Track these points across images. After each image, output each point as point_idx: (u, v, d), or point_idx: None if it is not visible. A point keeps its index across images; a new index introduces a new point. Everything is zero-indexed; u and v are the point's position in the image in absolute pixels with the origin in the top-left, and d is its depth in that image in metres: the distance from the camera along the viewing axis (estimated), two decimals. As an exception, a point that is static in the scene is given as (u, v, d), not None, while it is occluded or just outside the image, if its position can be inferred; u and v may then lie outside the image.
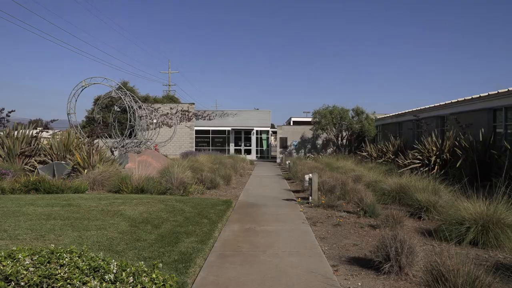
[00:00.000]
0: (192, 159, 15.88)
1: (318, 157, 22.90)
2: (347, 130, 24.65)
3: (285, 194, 10.56)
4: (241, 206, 8.54)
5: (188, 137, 31.00)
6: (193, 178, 11.24)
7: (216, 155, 20.88)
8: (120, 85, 16.31)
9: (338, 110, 24.10)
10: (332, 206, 8.25)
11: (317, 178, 8.88)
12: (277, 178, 15.71)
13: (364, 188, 8.92)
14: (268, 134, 32.78)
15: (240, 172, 16.10)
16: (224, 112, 32.22)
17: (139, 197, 8.79)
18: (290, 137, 28.33)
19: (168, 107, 31.01)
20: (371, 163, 15.70)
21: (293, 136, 28.29)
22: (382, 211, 7.29)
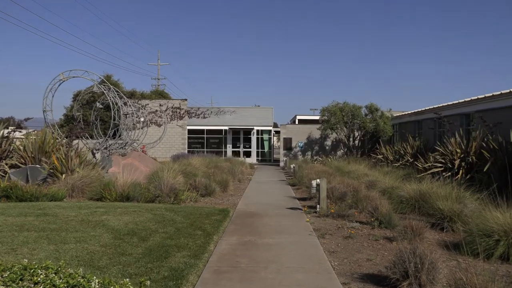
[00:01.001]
0: (184, 162, 15.88)
1: (327, 160, 22.90)
2: (360, 130, 24.66)
3: (289, 202, 10.54)
4: (239, 215, 8.53)
5: (179, 137, 31.03)
6: (185, 184, 11.24)
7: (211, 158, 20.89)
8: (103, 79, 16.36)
9: (349, 107, 24.12)
10: (342, 215, 8.25)
11: (325, 184, 8.88)
12: (280, 184, 15.70)
13: (379, 195, 8.91)
14: (270, 134, 32.83)
15: (238, 177, 16.11)
16: (220, 109, 32.27)
17: (124, 205, 8.78)
18: (295, 138, 28.36)
19: (157, 104, 31.06)
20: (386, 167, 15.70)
21: (298, 137, 28.32)
22: (400, 222, 7.28)
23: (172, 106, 31.03)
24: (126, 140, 17.95)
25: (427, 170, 13.07)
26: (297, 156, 28.10)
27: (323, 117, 24.98)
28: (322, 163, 21.94)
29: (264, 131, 32.60)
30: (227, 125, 31.76)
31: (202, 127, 32.08)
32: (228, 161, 22.26)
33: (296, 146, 28.38)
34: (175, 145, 30.67)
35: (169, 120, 30.67)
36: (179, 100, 32.02)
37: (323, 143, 28.28)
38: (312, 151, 28.28)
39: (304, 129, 28.43)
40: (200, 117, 31.96)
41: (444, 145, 13.95)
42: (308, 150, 28.34)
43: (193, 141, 32.13)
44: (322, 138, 28.16)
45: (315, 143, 28.36)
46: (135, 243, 5.79)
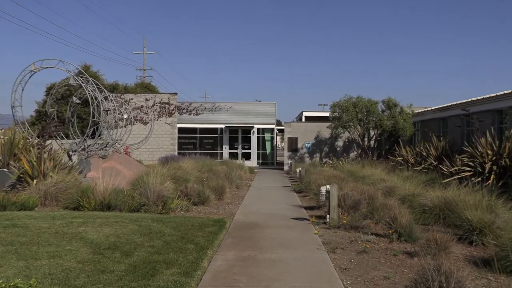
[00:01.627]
0: (174, 165, 15.89)
1: (338, 163, 22.91)
2: (376, 128, 24.66)
3: (294, 212, 10.55)
4: (237, 227, 8.54)
5: (168, 137, 31.06)
6: (175, 191, 11.25)
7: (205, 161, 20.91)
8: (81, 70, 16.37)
9: (364, 102, 24.12)
10: (356, 227, 8.25)
11: (336, 190, 8.88)
12: (284, 190, 15.70)
13: (398, 204, 8.91)
14: (273, 134, 32.87)
15: (236, 183, 16.14)
16: (215, 105, 32.31)
17: (104, 215, 8.79)
18: (302, 137, 28.38)
19: (142, 98, 31.10)
20: (406, 171, 15.69)
21: (305, 136, 28.34)
22: (422, 234, 7.28)
23: (160, 101, 31.07)
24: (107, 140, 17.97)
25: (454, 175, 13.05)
26: (303, 158, 28.11)
27: (334, 114, 24.97)
28: (333, 166, 21.94)
29: (266, 130, 32.61)
30: (223, 122, 31.79)
31: (194, 125, 32.11)
32: (224, 164, 22.25)
33: (303, 147, 28.40)
34: (163, 145, 30.69)
35: (157, 117, 30.70)
36: (168, 94, 32.05)
37: (334, 144, 28.29)
38: (321, 152, 28.29)
39: (312, 128, 28.44)
40: (192, 114, 31.99)
41: (473, 146, 13.94)
42: (317, 152, 28.35)
43: (184, 141, 32.15)
44: (332, 138, 28.16)
45: (325, 144, 28.37)
46: (117, 258, 5.79)
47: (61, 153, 13.32)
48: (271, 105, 32.98)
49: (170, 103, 31.15)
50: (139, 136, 29.19)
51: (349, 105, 23.93)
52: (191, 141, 32.29)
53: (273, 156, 32.89)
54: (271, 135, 32.81)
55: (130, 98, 30.86)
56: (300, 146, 28.40)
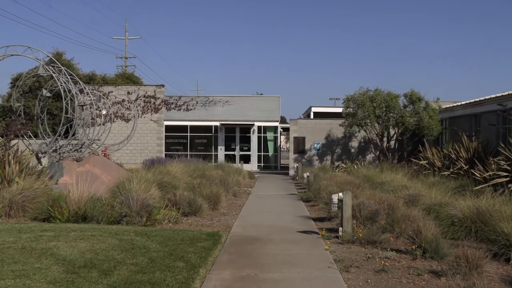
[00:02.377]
0: (161, 170, 15.91)
1: (353, 167, 22.91)
2: (397, 127, 24.67)
3: (301, 224, 10.57)
4: (235, 241, 8.55)
5: (154, 136, 31.07)
6: (162, 199, 11.26)
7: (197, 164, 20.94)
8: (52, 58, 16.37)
9: (383, 96, 24.12)
10: (373, 242, 8.26)
11: (350, 199, 8.89)
12: (289, 199, 15.72)
13: (423, 214, 8.93)
14: (277, 133, 32.88)
15: (233, 190, 16.18)
16: (209, 99, 32.33)
17: (80, 227, 8.81)
18: (310, 137, 28.42)
19: (124, 91, 31.13)
20: (432, 177, 15.69)
21: (314, 136, 28.37)
22: (450, 250, 7.29)
23: (144, 95, 31.08)
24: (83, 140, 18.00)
25: (488, 181, 13.05)
26: (312, 161, 28.13)
27: (348, 110, 24.97)
28: (346, 171, 21.94)
29: (268, 128, 32.62)
30: (218, 119, 31.80)
31: (184, 123, 32.12)
32: (219, 168, 22.24)
33: (311, 148, 28.42)
34: (148, 146, 30.69)
35: (141, 113, 30.72)
36: (153, 86, 32.05)
37: (348, 144, 28.30)
38: (332, 155, 28.31)
39: (322, 126, 28.47)
40: (182, 109, 32.01)
41: (510, 147, 13.94)
42: (327, 154, 28.36)
43: (172, 142, 32.16)
44: (346, 138, 28.17)
45: (337, 144, 28.38)
46: (94, 278, 5.79)
47: (29, 155, 13.34)
48: (274, 99, 32.97)
49: (156, 97, 31.15)
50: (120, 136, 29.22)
51: (365, 99, 23.93)
52: (181, 141, 32.29)
53: (276, 158, 32.88)
54: (274, 134, 32.81)
55: (110, 91, 30.87)
56: (308, 147, 28.42)
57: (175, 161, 20.66)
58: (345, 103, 25.35)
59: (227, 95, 32.68)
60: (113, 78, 38.57)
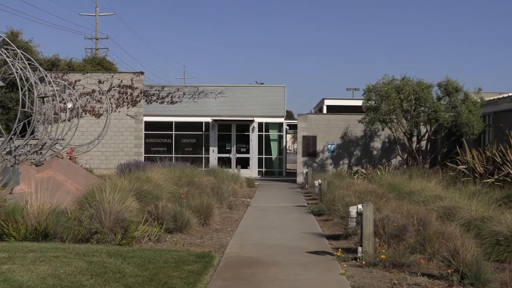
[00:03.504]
0: (140, 176, 15.89)
1: (375, 172, 22.89)
2: (429, 123, 24.64)
3: (312, 242, 10.54)
4: (230, 264, 8.52)
5: (131, 135, 31.05)
6: (140, 212, 11.24)
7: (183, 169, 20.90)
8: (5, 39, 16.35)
9: (411, 86, 24.10)
10: (400, 264, 8.23)
11: (372, 212, 8.87)
12: (297, 212, 15.71)
13: (461, 231, 8.89)
14: (282, 131, 32.86)
15: (228, 201, 16.20)
16: (199, 89, 32.30)
17: (40, 247, 8.76)
18: (323, 136, 28.40)
19: (94, 80, 31.13)
20: (473, 185, 15.64)
21: (327, 134, 28.36)
22: (495, 275, 7.26)
23: (119, 84, 31.07)
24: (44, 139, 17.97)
25: (540, 190, 12.99)
26: (325, 166, 28.13)
27: (369, 103, 24.96)
28: (367, 177, 21.89)
29: (272, 126, 32.60)
30: (210, 115, 31.78)
31: (168, 119, 32.09)
32: (211, 174, 22.20)
33: (324, 149, 28.41)
34: (124, 148, 30.68)
35: (115, 107, 30.72)
36: (130, 73, 32.06)
37: (369, 145, 28.28)
38: (350, 158, 28.29)
39: (337, 122, 28.47)
40: (165, 102, 31.98)
41: None
42: (344, 157, 28.34)
43: (154, 142, 32.14)
44: (366, 137, 28.15)
45: (355, 145, 28.36)
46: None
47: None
48: (279, 90, 32.95)
49: (134, 87, 31.13)
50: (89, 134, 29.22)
51: (390, 90, 23.91)
52: (164, 141, 32.26)
53: (281, 162, 32.88)
54: (278, 133, 32.80)
55: (77, 79, 30.86)
56: (320, 148, 28.40)
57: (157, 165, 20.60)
58: (365, 94, 25.33)
59: (221, 84, 32.67)
60: (81, 64, 38.56)
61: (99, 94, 30.73)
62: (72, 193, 13.34)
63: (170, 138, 32.20)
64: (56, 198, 10.99)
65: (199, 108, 31.91)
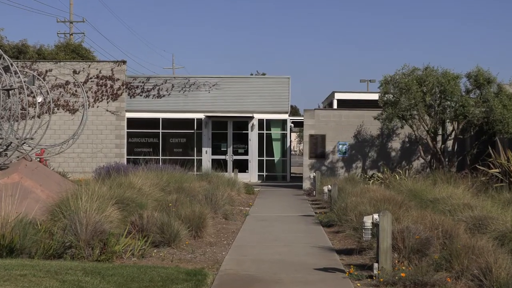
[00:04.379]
0: (122, 181, 15.86)
1: (393, 177, 22.85)
2: (456, 120, 24.61)
3: (320, 258, 10.55)
4: (226, 283, 8.52)
5: (112, 134, 31.01)
6: (122, 223, 11.24)
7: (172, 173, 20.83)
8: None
9: (436, 76, 24.08)
10: (423, 283, 8.22)
11: (390, 223, 8.86)
12: (303, 222, 15.74)
13: (494, 246, 8.87)
14: (286, 129, 32.84)
15: (224, 211, 16.23)
16: (190, 81, 32.25)
17: (4, 264, 8.73)
18: (333, 135, 28.38)
19: (68, 70, 31.09)
20: (508, 191, 15.61)
21: (338, 133, 28.35)
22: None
23: (97, 75, 31.04)
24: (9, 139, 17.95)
25: None
26: (336, 169, 28.11)
27: (386, 97, 24.94)
28: (384, 183, 21.86)
29: (274, 123, 32.59)
30: (202, 110, 31.76)
31: (155, 115, 32.06)
32: (204, 179, 22.19)
33: (335, 150, 28.37)
34: (103, 148, 30.64)
35: (93, 101, 30.69)
36: (111, 62, 32.00)
37: (386, 146, 28.23)
38: (364, 160, 28.25)
39: (350, 119, 28.45)
40: (151, 96, 31.94)
41: None
42: (357, 159, 28.30)
43: (137, 142, 32.12)
44: (383, 136, 28.10)
45: (371, 145, 28.31)
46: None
47: None
48: (282, 82, 32.94)
49: (115, 78, 31.10)
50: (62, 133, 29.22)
51: (411, 82, 23.88)
52: (150, 140, 32.23)
53: (285, 165, 32.86)
54: (282, 131, 32.79)
55: (48, 69, 30.82)
56: (330, 149, 28.37)
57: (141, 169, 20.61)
58: (382, 87, 25.32)
59: (215, 75, 32.64)
60: (52, 51, 38.55)
61: (74, 87, 30.71)
62: (42, 201, 13.31)
63: (156, 138, 32.17)
64: (23, 207, 10.97)
65: (190, 102, 31.90)
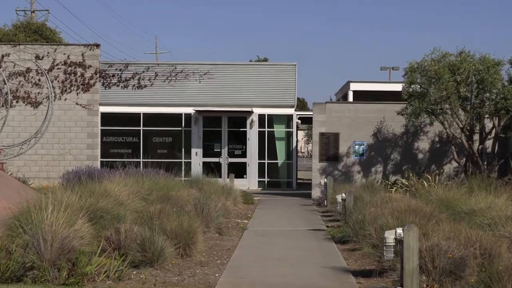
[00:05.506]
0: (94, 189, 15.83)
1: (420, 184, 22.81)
2: (497, 115, 24.56)
3: (333, 281, 10.58)
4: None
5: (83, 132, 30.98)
6: (95, 239, 11.23)
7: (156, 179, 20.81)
8: None
9: (472, 63, 24.02)
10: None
11: (417, 239, 8.86)
12: (313, 238, 15.78)
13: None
14: (291, 126, 32.81)
15: (218, 224, 16.27)
16: (177, 68, 32.16)
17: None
18: (348, 133, 28.35)
19: (30, 55, 31.04)
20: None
21: (354, 131, 28.32)
22: None
23: (65, 61, 30.98)
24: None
25: None
26: (351, 174, 28.09)
27: (411, 87, 24.88)
28: (410, 191, 21.82)
29: (277, 119, 32.60)
30: (192, 104, 31.72)
31: (135, 109, 32.05)
32: (194, 186, 22.24)
33: (350, 151, 28.33)
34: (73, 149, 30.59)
35: (60, 93, 30.66)
36: (81, 46, 31.93)
37: (412, 146, 28.17)
38: (385, 163, 28.20)
39: (368, 114, 28.42)
40: (130, 86, 31.90)
41: None
42: (377, 162, 28.26)
43: (114, 141, 32.11)
44: (408, 135, 28.05)
45: (393, 146, 28.25)
46: None
47: None
48: (287, 70, 32.92)
49: (87, 65, 31.05)
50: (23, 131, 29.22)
51: (442, 70, 23.81)
52: (129, 140, 32.22)
53: (290, 170, 32.86)
54: (286, 129, 32.79)
55: (5, 53, 30.77)
56: (345, 150, 28.33)
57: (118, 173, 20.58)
58: (407, 75, 25.26)
59: (207, 62, 32.59)
60: (10, 32, 38.52)
61: (37, 75, 30.67)
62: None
63: (137, 136, 32.15)
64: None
65: (177, 94, 31.87)
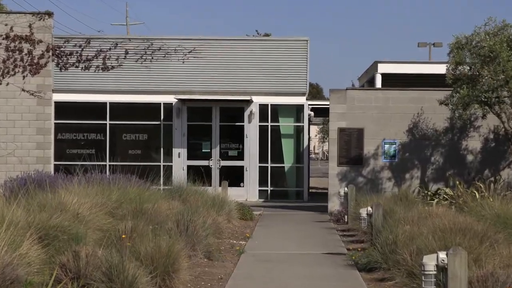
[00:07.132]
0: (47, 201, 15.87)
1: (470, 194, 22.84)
2: None
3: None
4: None
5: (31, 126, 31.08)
6: (47, 266, 11.26)
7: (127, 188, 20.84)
8: None
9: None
10: None
11: (465, 266, 8.88)
12: (330, 265, 15.86)
13: None
14: (302, 119, 32.93)
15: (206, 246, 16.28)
16: (153, 44, 32.15)
17: None
18: (375, 129, 28.41)
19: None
20: None
21: (383, 125, 28.40)
22: None
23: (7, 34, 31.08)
24: None
25: None
26: (379, 181, 28.12)
27: (458, 69, 24.89)
28: (456, 203, 21.86)
29: (283, 110, 32.78)
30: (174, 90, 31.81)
31: (99, 97, 32.16)
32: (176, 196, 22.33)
33: (378, 152, 28.36)
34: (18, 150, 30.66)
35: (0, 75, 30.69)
36: (28, 15, 31.94)
37: (458, 145, 28.22)
38: (423, 167, 28.23)
39: (401, 104, 28.46)
40: (93, 68, 31.99)
41: None
42: (413, 166, 28.29)
43: (72, 139, 32.24)
44: (454, 131, 28.09)
45: (434, 145, 28.29)
46: None
47: None
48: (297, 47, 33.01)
49: (36, 40, 31.13)
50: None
51: (499, 45, 23.78)
52: (92, 137, 32.36)
53: (300, 176, 33.00)
54: (295, 123, 32.94)
55: None
56: (371, 150, 28.38)
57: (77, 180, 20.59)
58: (453, 53, 25.21)
59: (193, 36, 32.62)
60: None
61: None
62: None
63: (102, 133, 32.25)
64: None
65: (154, 78, 32.00)
